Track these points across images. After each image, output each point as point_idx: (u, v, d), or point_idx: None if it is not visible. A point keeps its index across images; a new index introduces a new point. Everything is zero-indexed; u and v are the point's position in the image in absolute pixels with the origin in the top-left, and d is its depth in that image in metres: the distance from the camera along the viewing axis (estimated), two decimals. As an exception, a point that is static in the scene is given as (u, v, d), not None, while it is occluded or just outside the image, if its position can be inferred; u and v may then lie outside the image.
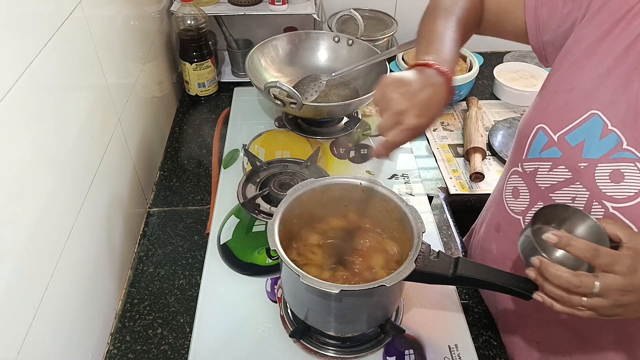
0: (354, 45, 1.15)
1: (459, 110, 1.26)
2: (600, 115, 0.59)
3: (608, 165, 0.58)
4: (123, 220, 0.85)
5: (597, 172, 0.59)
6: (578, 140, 0.61)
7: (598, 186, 0.59)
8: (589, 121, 0.60)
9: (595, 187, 0.59)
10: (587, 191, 0.61)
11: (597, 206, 0.59)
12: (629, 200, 0.56)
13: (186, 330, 0.76)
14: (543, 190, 0.67)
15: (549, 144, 0.65)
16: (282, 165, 0.97)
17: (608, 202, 0.58)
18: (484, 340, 0.76)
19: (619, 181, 0.57)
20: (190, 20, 1.13)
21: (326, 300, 0.61)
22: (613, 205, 0.58)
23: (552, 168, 0.65)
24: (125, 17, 0.91)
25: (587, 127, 0.61)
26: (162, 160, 1.09)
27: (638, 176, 0.56)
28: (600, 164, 0.59)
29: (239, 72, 1.34)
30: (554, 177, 0.65)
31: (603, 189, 0.59)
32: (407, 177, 0.98)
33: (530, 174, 0.68)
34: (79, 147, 0.69)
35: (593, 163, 0.60)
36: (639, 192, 0.55)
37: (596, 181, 0.59)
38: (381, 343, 0.70)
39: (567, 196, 0.63)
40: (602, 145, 0.59)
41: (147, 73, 1.03)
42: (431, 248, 0.62)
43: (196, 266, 0.85)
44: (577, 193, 0.62)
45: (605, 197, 0.59)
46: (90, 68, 0.75)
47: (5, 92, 0.50)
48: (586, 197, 0.61)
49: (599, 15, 0.60)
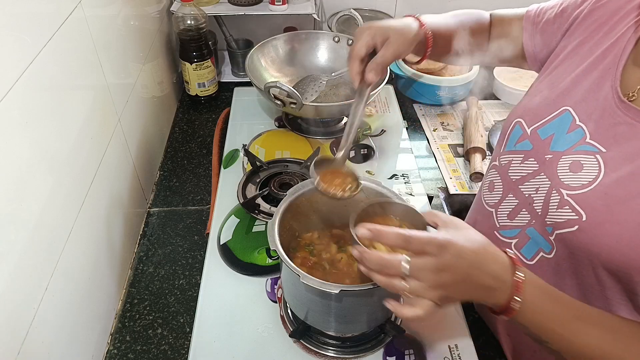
0: (354, 45, 1.15)
1: (459, 110, 1.26)
2: (571, 111, 0.63)
3: (570, 156, 0.61)
4: (123, 220, 0.85)
5: (560, 163, 0.62)
6: (548, 134, 0.64)
7: (558, 176, 0.61)
8: (560, 117, 0.64)
9: (556, 177, 0.61)
10: (549, 181, 0.62)
11: (555, 194, 0.61)
12: (582, 188, 0.58)
13: (186, 330, 0.76)
14: (514, 182, 0.69)
15: (522, 137, 0.68)
16: (282, 165, 0.97)
17: (564, 190, 0.60)
18: (484, 340, 0.76)
19: (577, 171, 0.59)
20: (190, 20, 1.13)
21: (326, 300, 0.61)
22: (567, 192, 0.59)
23: (523, 160, 0.67)
24: (125, 17, 0.91)
25: (557, 122, 0.64)
26: (162, 160, 1.09)
27: (595, 167, 0.57)
28: (564, 156, 0.61)
29: (239, 72, 1.34)
30: (524, 169, 0.67)
31: (562, 179, 0.61)
32: (407, 177, 0.98)
33: (504, 166, 0.71)
34: (79, 147, 0.69)
35: (558, 155, 0.62)
36: (592, 181, 0.57)
37: (557, 172, 0.61)
38: (381, 343, 0.70)
39: (532, 187, 0.65)
40: (568, 139, 0.62)
41: (147, 73, 1.03)
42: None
43: (196, 266, 0.85)
44: (541, 184, 0.64)
45: (563, 186, 0.60)
46: (90, 68, 0.75)
47: (5, 92, 0.50)
48: (547, 186, 0.63)
49: (585, 22, 0.65)
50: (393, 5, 1.39)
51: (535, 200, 0.65)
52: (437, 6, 1.40)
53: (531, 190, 0.65)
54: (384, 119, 1.14)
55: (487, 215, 0.74)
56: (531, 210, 0.66)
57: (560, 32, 0.69)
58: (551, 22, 0.71)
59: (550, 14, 0.72)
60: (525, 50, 0.75)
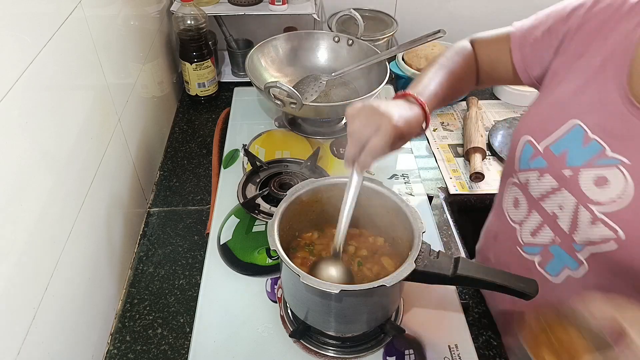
0: (354, 45, 1.15)
1: (459, 110, 1.26)
2: (581, 124, 0.61)
3: (591, 171, 0.59)
4: (123, 220, 0.85)
5: (581, 178, 0.60)
6: (561, 150, 0.63)
7: (584, 192, 0.60)
8: (571, 131, 0.62)
9: (581, 193, 0.60)
10: (574, 197, 0.61)
11: (584, 211, 0.60)
12: (613, 203, 0.57)
13: (186, 330, 0.76)
14: (535, 200, 0.68)
15: (534, 155, 0.66)
16: (282, 165, 0.97)
17: (593, 206, 0.59)
18: (484, 340, 0.76)
19: (603, 186, 0.58)
20: (190, 20, 1.13)
21: (326, 300, 0.61)
22: (598, 208, 0.58)
23: (540, 178, 0.66)
24: (125, 17, 0.91)
25: (569, 137, 0.62)
26: (162, 160, 1.09)
27: (621, 180, 0.56)
28: (584, 170, 0.60)
29: (239, 72, 1.34)
30: (542, 187, 0.66)
31: (588, 194, 0.59)
32: (407, 177, 0.98)
33: (524, 184, 0.70)
34: (79, 147, 0.69)
35: (577, 170, 0.61)
36: (622, 195, 0.56)
37: (581, 187, 0.60)
38: (381, 343, 0.70)
39: (555, 204, 0.64)
40: (584, 153, 0.60)
41: (147, 73, 1.03)
42: (431, 248, 0.62)
43: (196, 266, 0.85)
44: (564, 200, 0.63)
45: (590, 202, 0.59)
46: (90, 68, 0.75)
47: (5, 92, 0.50)
48: (573, 204, 0.61)
49: (577, 36, 0.65)
50: (393, 5, 1.39)
51: (560, 218, 0.64)
52: (437, 6, 1.40)
53: (554, 207, 0.64)
54: (384, 119, 1.14)
55: (510, 231, 0.73)
56: (555, 228, 0.65)
57: (552, 49, 0.68)
58: (539, 40, 0.69)
59: (537, 33, 0.70)
60: (518, 70, 0.73)
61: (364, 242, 0.72)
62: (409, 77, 1.24)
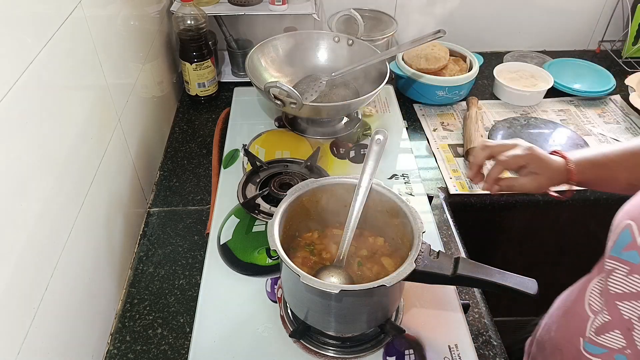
0: (354, 45, 1.15)
1: (459, 110, 1.26)
2: None
3: None
4: (123, 220, 0.85)
5: None
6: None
7: None
8: None
9: None
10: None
11: None
12: None
13: (186, 330, 0.76)
14: (612, 295, 0.57)
15: (630, 246, 0.54)
16: (282, 165, 0.97)
17: None
18: (484, 340, 0.76)
19: None
20: (190, 20, 1.13)
21: (326, 300, 0.61)
22: None
23: (629, 274, 0.54)
24: (125, 17, 0.91)
25: None
26: (162, 160, 1.09)
27: None
28: None
29: (239, 72, 1.34)
30: (627, 286, 0.55)
31: None
32: (407, 177, 0.98)
33: (607, 273, 0.58)
34: (79, 147, 0.69)
35: None
36: None
37: None
38: (381, 343, 0.70)
39: (634, 311, 0.54)
40: None
41: (147, 73, 1.03)
42: (431, 248, 0.62)
43: (196, 266, 0.85)
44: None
45: None
46: (90, 68, 0.75)
47: (5, 92, 0.50)
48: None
49: None
50: (393, 5, 1.39)
51: (637, 329, 0.54)
52: (437, 6, 1.40)
53: (632, 314, 0.54)
54: (384, 119, 1.14)
55: (582, 319, 0.62)
56: (629, 337, 0.55)
57: None
58: None
59: None
60: None
61: (364, 242, 0.72)
62: (409, 77, 1.24)
